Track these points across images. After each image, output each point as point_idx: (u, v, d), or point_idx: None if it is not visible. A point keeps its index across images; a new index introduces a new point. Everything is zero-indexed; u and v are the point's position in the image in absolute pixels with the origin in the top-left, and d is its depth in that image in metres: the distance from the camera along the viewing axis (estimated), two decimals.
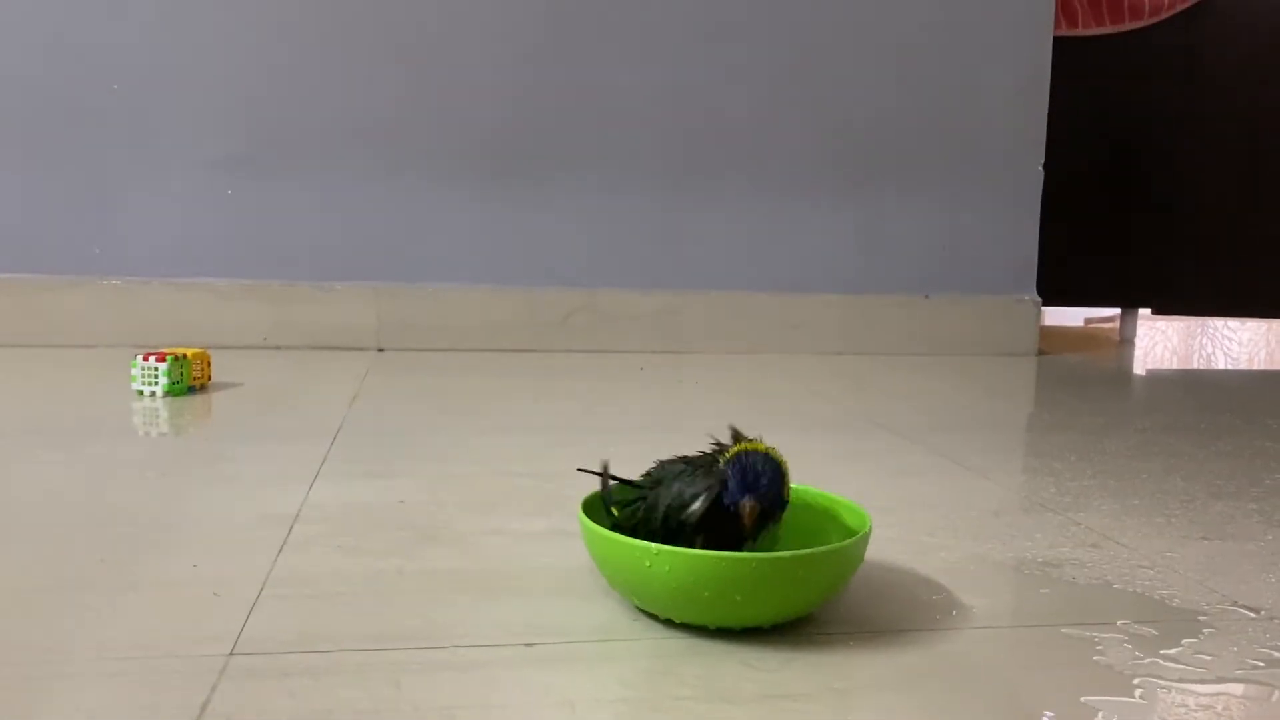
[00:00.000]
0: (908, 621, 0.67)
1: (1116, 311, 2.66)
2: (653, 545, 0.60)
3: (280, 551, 0.77)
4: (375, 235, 1.88)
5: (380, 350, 1.87)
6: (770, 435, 0.69)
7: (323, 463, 1.04)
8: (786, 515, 0.66)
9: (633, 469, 0.72)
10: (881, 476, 1.07)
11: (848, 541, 0.63)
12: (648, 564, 0.61)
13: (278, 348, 1.84)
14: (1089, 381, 1.88)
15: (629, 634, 0.63)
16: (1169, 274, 2.46)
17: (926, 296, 2.08)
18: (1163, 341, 2.68)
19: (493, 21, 1.89)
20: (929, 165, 2.07)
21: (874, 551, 0.73)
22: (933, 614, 0.68)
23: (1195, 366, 2.27)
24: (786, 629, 0.64)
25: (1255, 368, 2.31)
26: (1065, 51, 2.20)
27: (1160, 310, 2.56)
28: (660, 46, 1.95)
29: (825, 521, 0.72)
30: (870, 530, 0.66)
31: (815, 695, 0.56)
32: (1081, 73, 2.29)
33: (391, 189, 1.88)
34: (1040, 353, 2.14)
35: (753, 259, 2.01)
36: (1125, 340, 2.53)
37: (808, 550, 0.62)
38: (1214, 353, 2.57)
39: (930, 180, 2.07)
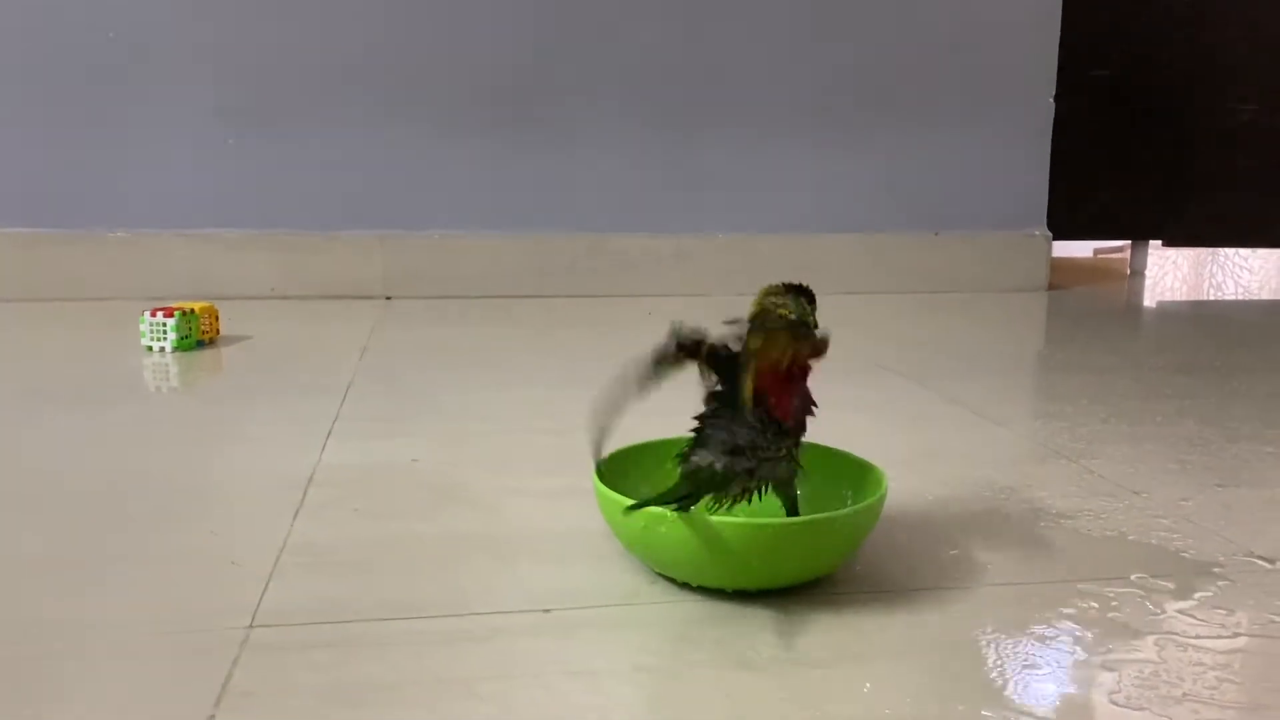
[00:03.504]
0: (923, 580, 0.67)
1: (1126, 242, 2.64)
2: (668, 512, 0.60)
3: (296, 517, 0.77)
4: (381, 182, 1.86)
5: (388, 299, 1.86)
6: None
7: (335, 420, 1.04)
8: (802, 476, 0.66)
9: (652, 420, 0.71)
10: (895, 426, 1.07)
11: (863, 505, 0.63)
12: (663, 530, 0.60)
13: (285, 298, 1.84)
14: (1100, 317, 1.86)
15: (647, 598, 0.64)
16: (1179, 205, 2.43)
17: (936, 234, 2.06)
18: (1173, 272, 2.66)
19: None
20: (938, 101, 2.03)
21: (888, 505, 0.72)
22: (949, 572, 0.68)
23: (1206, 297, 2.25)
24: (803, 590, 0.64)
25: (1266, 297, 2.29)
26: None
27: (1171, 242, 2.53)
28: None
29: (841, 480, 0.71)
30: (886, 491, 0.66)
31: (833, 660, 0.57)
32: (1091, 2, 2.23)
33: (397, 135, 1.85)
34: (1051, 287, 2.12)
35: (762, 200, 1.99)
36: (1136, 272, 2.51)
37: (824, 515, 0.61)
38: (1225, 282, 2.54)
39: (939, 116, 2.03)
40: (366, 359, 1.35)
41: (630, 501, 0.62)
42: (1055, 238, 2.13)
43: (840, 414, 0.71)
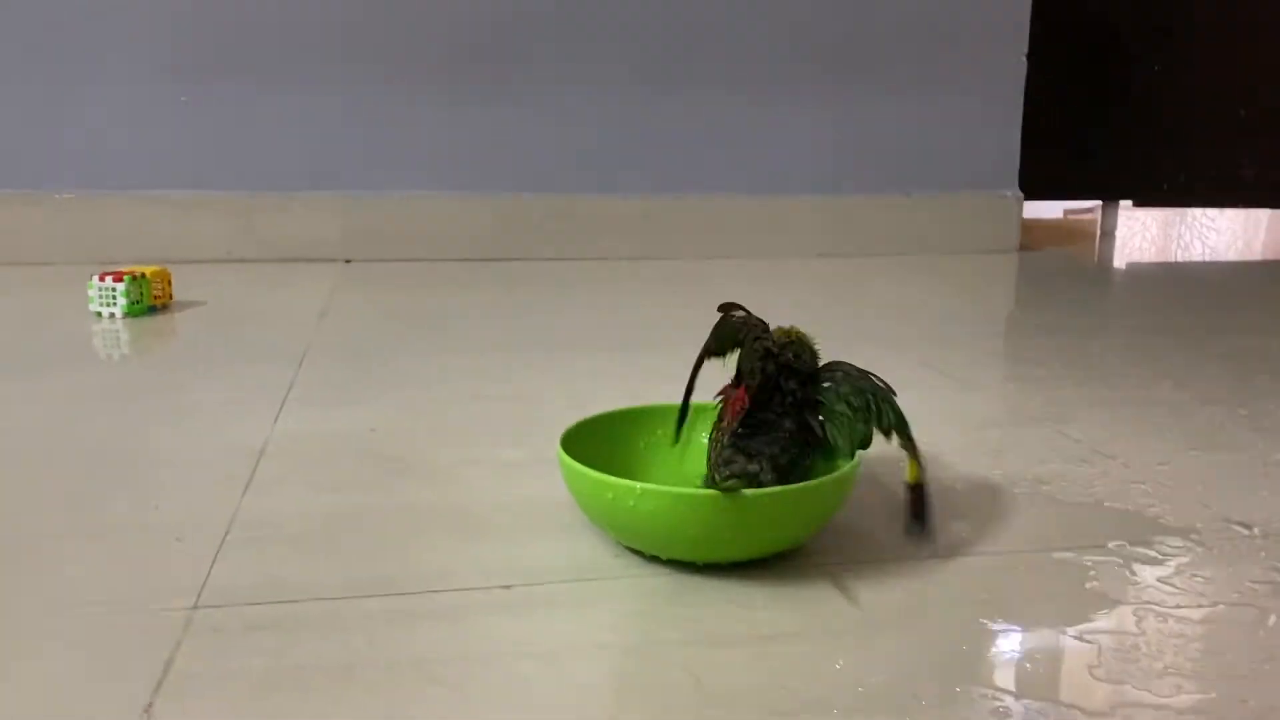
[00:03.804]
0: (896, 549, 0.65)
1: (1096, 203, 2.63)
2: (637, 484, 0.58)
3: (246, 490, 0.74)
4: (340, 142, 1.81)
5: (347, 262, 1.82)
6: None
7: (290, 388, 1.00)
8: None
9: (616, 388, 0.69)
10: None
11: (836, 475, 0.61)
12: (631, 503, 0.58)
13: (241, 261, 1.79)
14: (1072, 279, 1.85)
15: (612, 572, 0.61)
16: (1150, 165, 2.42)
17: (908, 195, 2.04)
18: (1142, 233, 2.66)
19: None
20: (910, 61, 2.00)
21: (861, 475, 0.70)
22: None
23: (1175, 258, 2.25)
24: (774, 562, 0.62)
25: (1233, 258, 2.29)
26: None
27: (1141, 202, 2.53)
28: None
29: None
30: (859, 461, 0.64)
31: (805, 635, 0.55)
32: None
33: (356, 93, 1.80)
34: (1022, 248, 2.11)
35: (731, 161, 1.95)
36: (1106, 233, 2.50)
37: (796, 485, 0.59)
38: (1193, 242, 2.54)
39: (911, 76, 2.01)
40: (324, 324, 1.31)
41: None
42: (1026, 198, 2.11)
43: None
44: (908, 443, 0.61)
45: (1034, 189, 2.18)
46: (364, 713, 0.47)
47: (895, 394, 0.64)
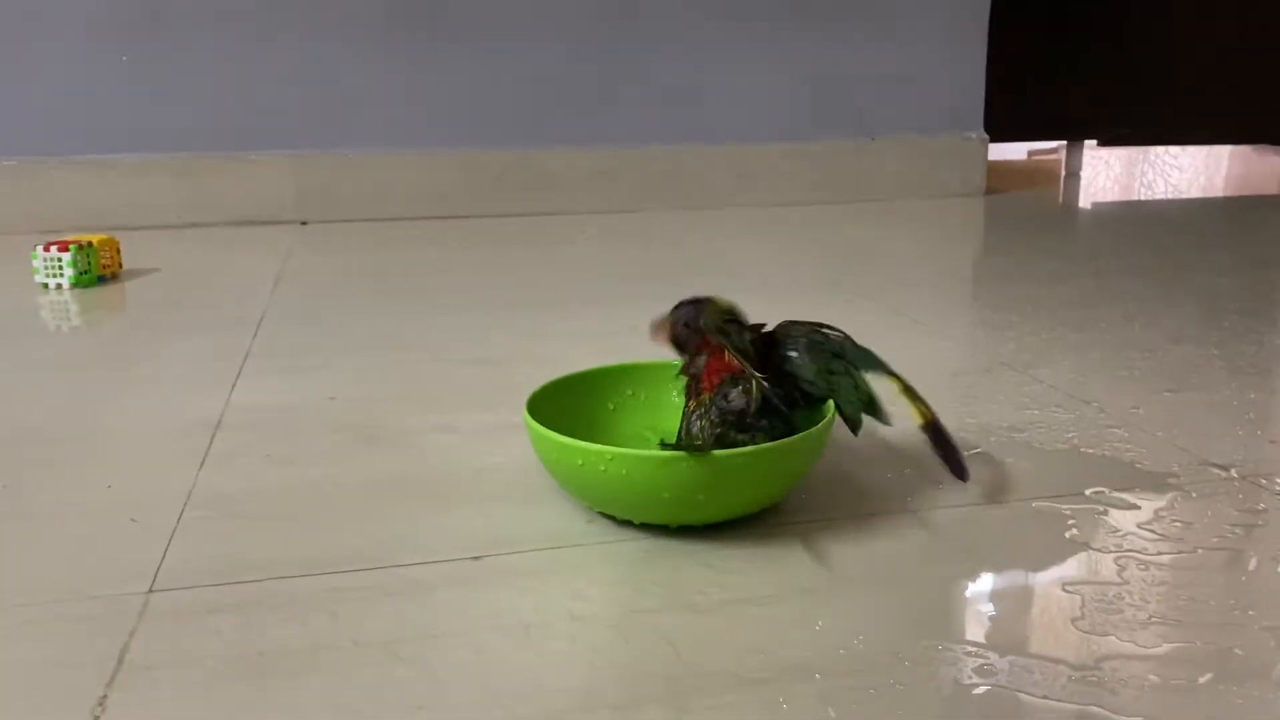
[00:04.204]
0: (873, 505, 0.64)
1: (1061, 143, 2.62)
2: (607, 449, 0.56)
3: (202, 466, 0.71)
4: (292, 98, 1.76)
5: (303, 224, 1.78)
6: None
7: (246, 357, 0.98)
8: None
9: (587, 346, 0.67)
10: None
11: (812, 430, 0.59)
12: (602, 468, 0.56)
13: (193, 226, 1.74)
14: (1039, 221, 1.85)
15: (583, 538, 0.60)
16: (1113, 105, 2.42)
17: (872, 139, 2.02)
18: (1106, 172, 2.66)
19: None
20: (870, 1, 1.97)
21: (833, 428, 0.69)
22: (898, 494, 0.66)
23: (1139, 197, 2.25)
24: (748, 522, 0.61)
25: (1196, 195, 2.29)
26: None
27: (1106, 142, 2.52)
28: None
29: None
30: (834, 416, 0.62)
31: (783, 597, 0.53)
32: None
33: (306, 47, 1.75)
34: (988, 191, 2.10)
35: (692, 110, 1.92)
36: (1071, 174, 2.50)
37: (770, 444, 0.58)
38: (1156, 181, 2.55)
39: (872, 14, 1.98)
40: (280, 289, 1.28)
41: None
42: (990, 140, 2.10)
43: None
44: (904, 388, 0.61)
45: (999, 131, 2.17)
46: (330, 698, 0.46)
47: (854, 357, 0.63)
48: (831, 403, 0.63)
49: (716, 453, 0.56)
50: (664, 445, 0.57)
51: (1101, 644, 0.49)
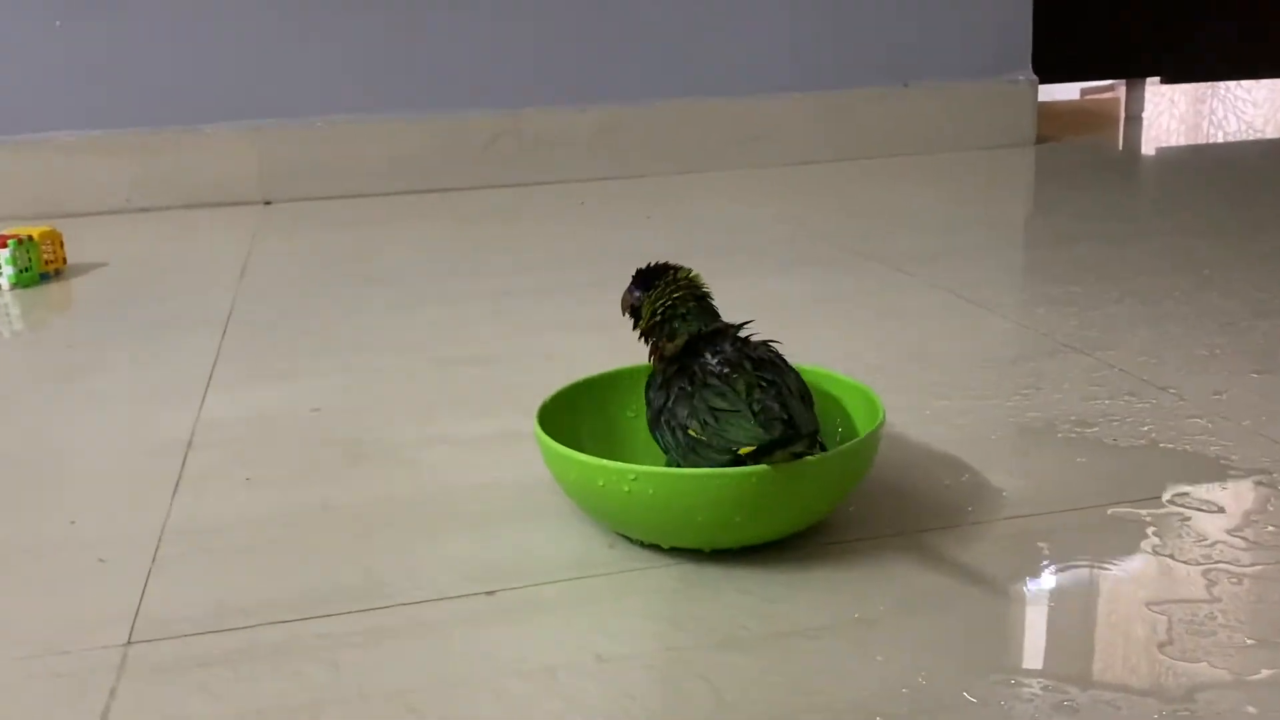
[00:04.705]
0: (930, 518, 0.64)
1: (1119, 82, 2.61)
2: (631, 467, 0.57)
3: (175, 492, 0.72)
4: (250, 62, 1.76)
5: (267, 203, 1.78)
6: (736, 277, 0.66)
7: (214, 363, 0.98)
8: None
9: (595, 340, 0.67)
10: (873, 324, 1.04)
11: (859, 440, 0.60)
12: (626, 489, 0.57)
13: (144, 210, 1.74)
14: (1098, 172, 1.84)
15: (606, 566, 0.60)
16: (1177, 36, 2.40)
17: (905, 85, 2.01)
18: (1170, 112, 2.65)
19: None
20: None
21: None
22: (957, 504, 0.66)
23: (1209, 140, 2.24)
24: (790, 542, 0.61)
25: (1273, 134, 2.28)
26: None
27: (1170, 79, 2.51)
28: None
29: (831, 412, 0.68)
30: (884, 421, 0.63)
31: (834, 628, 0.54)
32: None
33: (264, 4, 1.74)
34: (1039, 140, 2.09)
35: (702, 59, 1.91)
36: (1132, 116, 2.49)
37: (814, 457, 0.58)
38: (1228, 119, 2.54)
39: None
40: (248, 281, 1.28)
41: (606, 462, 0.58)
42: (1040, 82, 2.09)
43: (805, 313, 0.68)
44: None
45: (1049, 70, 2.16)
46: None
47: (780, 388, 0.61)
48: (881, 406, 0.64)
49: (757, 469, 0.56)
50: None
51: (1193, 672, 0.49)
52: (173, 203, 1.76)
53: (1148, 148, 2.15)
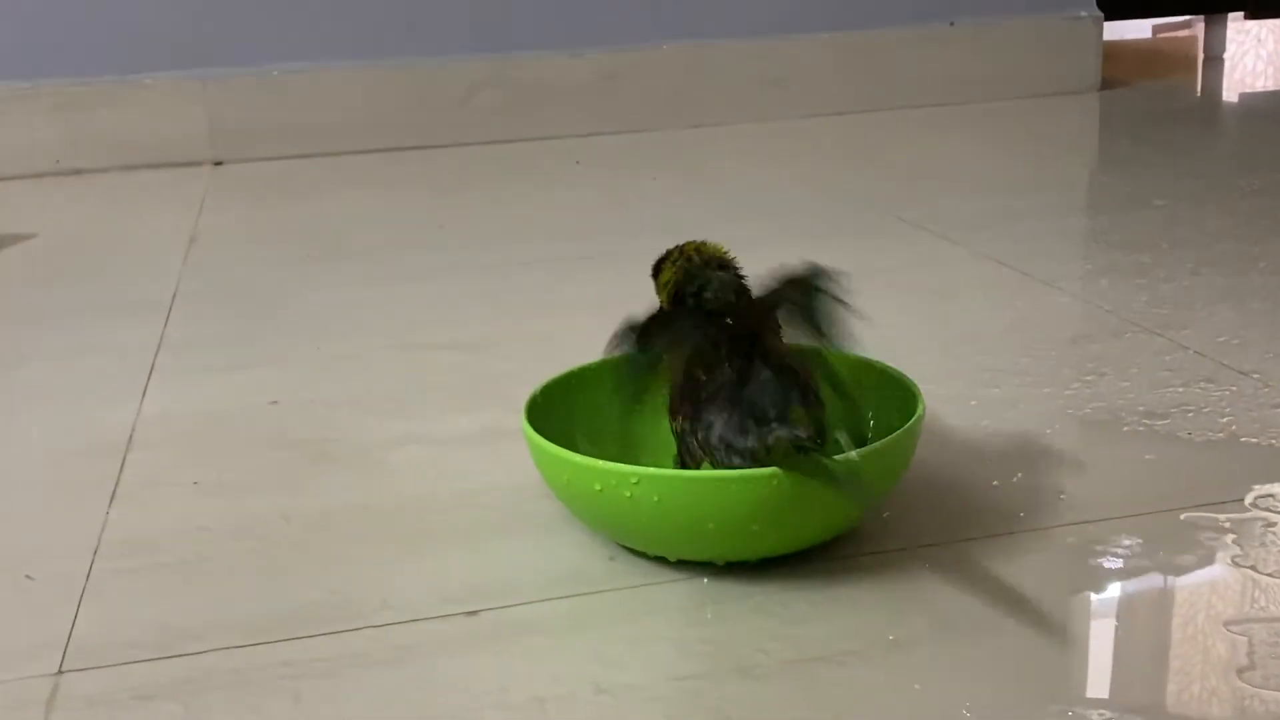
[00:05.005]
0: (976, 525, 0.65)
1: (1195, 17, 2.60)
2: (634, 469, 0.57)
3: (113, 500, 0.72)
4: (194, 2, 1.76)
5: (217, 164, 1.78)
6: (755, 249, 0.66)
7: (157, 350, 0.99)
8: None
9: (590, 322, 0.67)
10: (913, 300, 1.04)
11: (893, 436, 0.60)
12: (628, 494, 0.57)
13: (76, 173, 1.75)
14: (1172, 123, 1.84)
15: (605, 582, 0.61)
16: None
17: (951, 24, 2.01)
18: (1256, 52, 2.64)
19: None
20: None
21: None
22: (1007, 509, 0.66)
23: None
24: (814, 553, 0.62)
25: None
26: None
27: (1255, 13, 2.50)
28: None
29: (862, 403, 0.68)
30: (923, 413, 0.63)
31: (866, 652, 0.54)
32: None
33: None
34: (1104, 85, 2.09)
35: None
36: (1212, 57, 2.48)
37: (842, 456, 0.58)
38: None
39: None
40: (195, 255, 1.29)
41: (573, 456, 0.59)
42: (1106, 18, 2.09)
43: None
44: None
45: (1116, 6, 2.15)
46: None
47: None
48: (920, 397, 0.64)
49: (779, 471, 0.56)
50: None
51: (1278, 701, 0.50)
52: (109, 164, 1.76)
53: (1230, 93, 2.15)
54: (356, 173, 1.70)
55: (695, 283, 0.64)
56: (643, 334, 0.63)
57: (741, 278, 0.65)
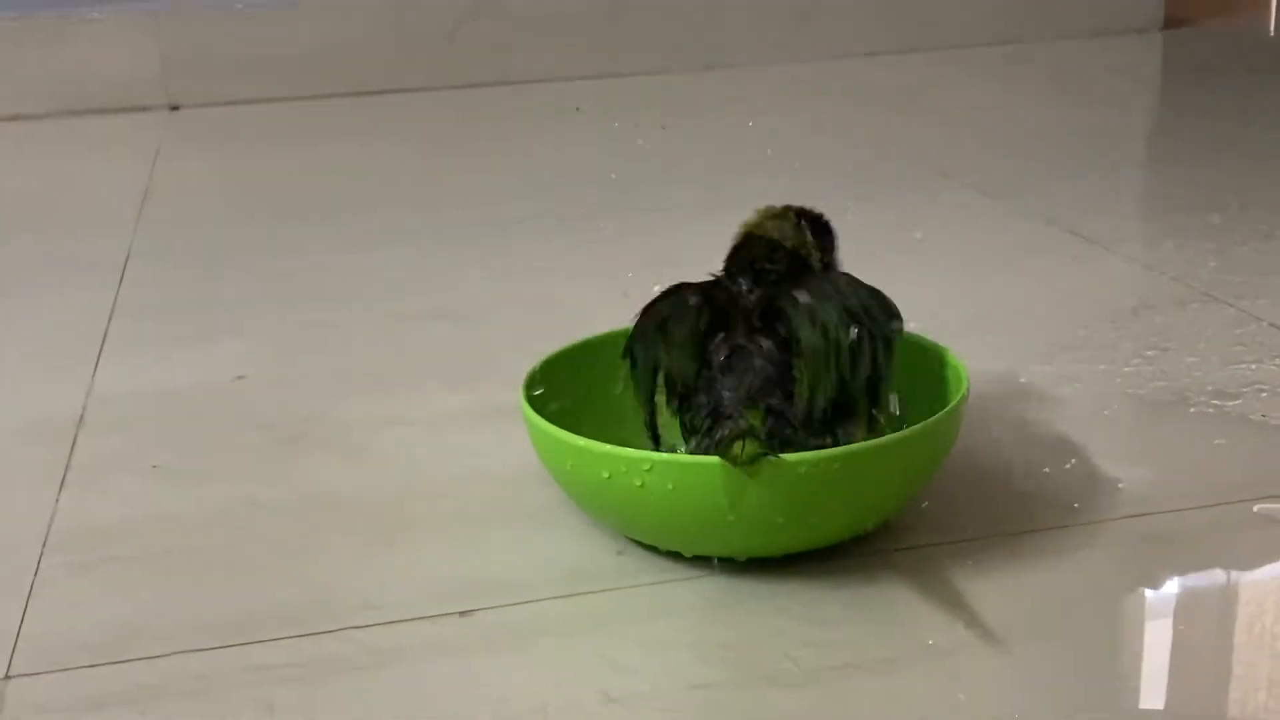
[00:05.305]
0: (1025, 517, 0.65)
1: None
2: (647, 455, 0.57)
3: (62, 486, 0.73)
4: None
5: (174, 109, 1.78)
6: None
7: (109, 319, 0.99)
8: None
9: (593, 288, 0.68)
10: (956, 265, 1.05)
11: (934, 419, 0.60)
12: (639, 482, 0.57)
13: (16, 118, 1.75)
14: (1243, 67, 1.84)
15: (614, 579, 0.61)
16: None
17: None
18: None
19: None
20: None
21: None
22: (1061, 499, 0.66)
23: None
24: (845, 548, 0.62)
25: None
26: None
27: None
28: None
29: (898, 382, 0.68)
30: (968, 392, 0.63)
31: (905, 659, 0.55)
32: None
33: None
34: (1168, 25, 2.08)
35: None
36: None
37: (878, 440, 0.58)
38: None
39: None
40: (150, 211, 1.29)
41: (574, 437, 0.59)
42: None
43: (869, 252, 0.68)
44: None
45: None
46: None
47: (899, 325, 0.62)
48: (965, 373, 0.64)
49: (806, 456, 0.56)
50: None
51: None
52: (53, 109, 1.76)
53: None
54: (330, 119, 1.70)
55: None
56: (626, 352, 0.64)
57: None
